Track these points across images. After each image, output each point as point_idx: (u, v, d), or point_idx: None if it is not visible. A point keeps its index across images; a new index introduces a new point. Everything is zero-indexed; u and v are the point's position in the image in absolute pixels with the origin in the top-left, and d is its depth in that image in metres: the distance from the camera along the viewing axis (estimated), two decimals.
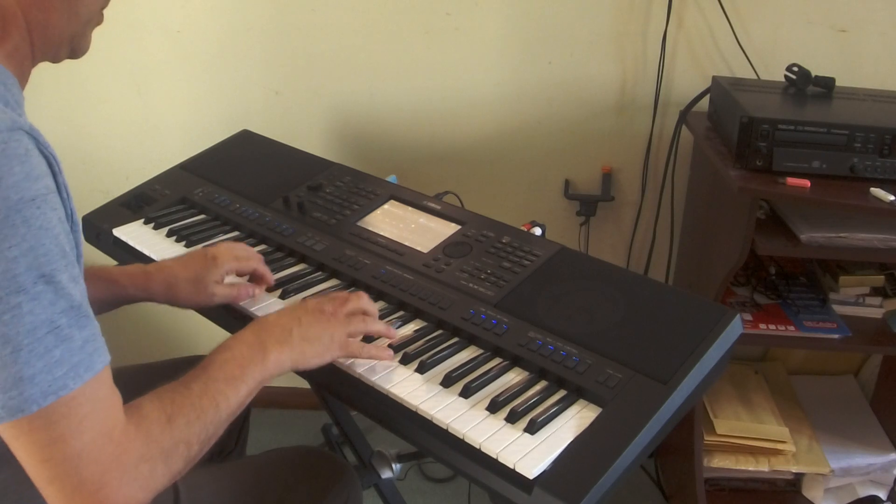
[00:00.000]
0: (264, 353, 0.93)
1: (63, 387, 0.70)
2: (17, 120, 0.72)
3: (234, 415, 0.88)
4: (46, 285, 0.70)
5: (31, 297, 0.69)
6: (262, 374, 0.92)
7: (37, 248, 0.69)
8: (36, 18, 0.82)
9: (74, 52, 0.89)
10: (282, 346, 0.95)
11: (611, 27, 1.82)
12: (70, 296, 0.72)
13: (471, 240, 1.25)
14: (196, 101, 1.97)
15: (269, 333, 0.95)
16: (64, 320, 0.71)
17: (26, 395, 0.69)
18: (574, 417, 0.93)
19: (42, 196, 0.71)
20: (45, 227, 0.70)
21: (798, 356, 2.06)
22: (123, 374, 1.22)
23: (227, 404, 0.86)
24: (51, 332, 0.70)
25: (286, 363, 0.95)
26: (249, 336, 0.95)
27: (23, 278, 0.68)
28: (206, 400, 0.84)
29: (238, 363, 0.90)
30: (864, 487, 1.83)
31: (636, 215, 1.98)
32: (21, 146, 0.71)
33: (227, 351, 0.92)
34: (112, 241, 1.39)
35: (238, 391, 0.88)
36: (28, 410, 0.69)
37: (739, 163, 1.45)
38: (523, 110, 1.92)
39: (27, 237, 0.69)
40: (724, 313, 1.03)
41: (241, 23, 1.89)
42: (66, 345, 0.71)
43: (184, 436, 0.80)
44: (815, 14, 1.77)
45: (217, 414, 0.85)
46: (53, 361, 0.70)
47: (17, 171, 0.69)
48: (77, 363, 0.71)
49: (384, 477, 1.53)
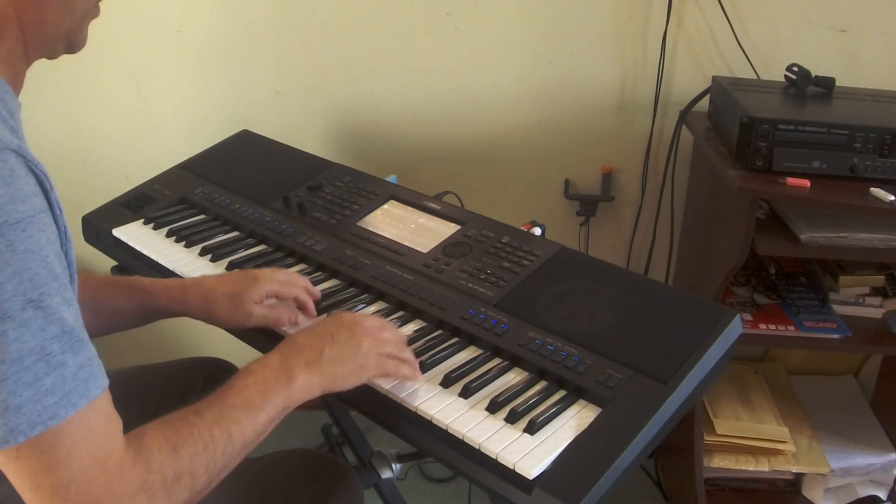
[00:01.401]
0: (290, 378, 0.87)
1: (53, 416, 0.68)
2: (4, 138, 0.70)
3: (250, 445, 0.83)
4: (35, 311, 0.67)
5: (17, 323, 0.66)
6: (287, 401, 0.86)
7: (22, 273, 0.67)
8: (30, 17, 0.79)
9: (71, 47, 0.86)
10: (311, 369, 0.89)
11: (611, 27, 1.82)
12: (62, 320, 0.69)
13: (471, 240, 1.25)
14: (196, 101, 1.97)
15: (298, 356, 0.90)
16: (56, 346, 0.68)
17: (11, 426, 0.66)
18: (574, 417, 0.93)
19: (28, 218, 0.68)
20: (32, 251, 0.68)
21: (798, 356, 2.05)
22: (126, 375, 1.23)
23: (241, 434, 0.81)
24: (41, 360, 0.67)
25: (315, 388, 0.89)
26: (275, 359, 0.89)
27: (8, 305, 0.66)
28: (217, 430, 0.79)
29: (259, 389, 0.85)
30: (864, 487, 1.83)
31: (636, 215, 1.98)
32: (6, 167, 0.68)
33: (250, 375, 0.86)
34: (112, 242, 1.39)
35: (255, 419, 0.83)
36: (14, 441, 0.67)
37: (739, 163, 1.45)
38: (523, 110, 1.92)
39: (12, 262, 0.66)
40: (724, 313, 1.03)
41: (242, 23, 1.89)
42: (59, 371, 0.68)
43: (188, 467, 0.76)
44: (815, 14, 1.76)
45: (229, 444, 0.80)
46: (43, 390, 0.67)
47: (1, 193, 0.67)
48: (70, 391, 0.69)
49: (384, 477, 1.53)
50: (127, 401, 0.80)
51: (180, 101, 1.97)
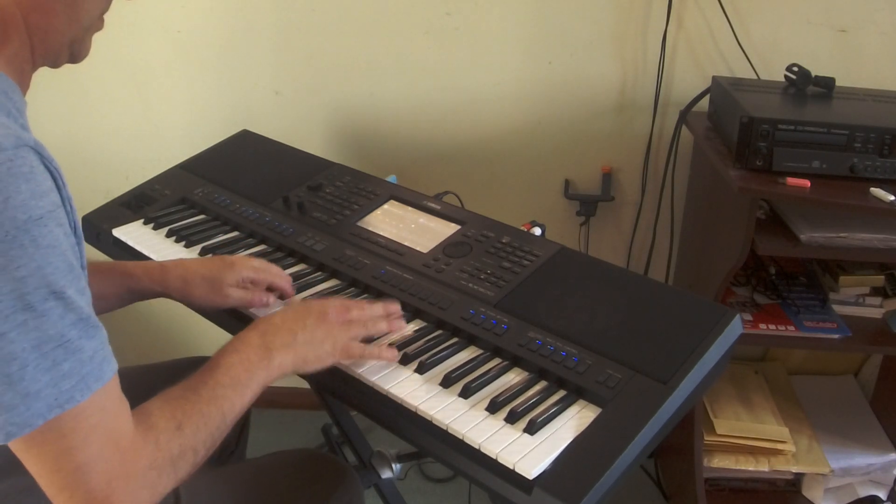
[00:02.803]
0: (269, 357, 0.93)
1: (70, 399, 0.70)
2: (22, 136, 0.72)
3: (237, 419, 0.88)
4: (56, 301, 0.70)
5: (38, 314, 0.69)
6: (267, 378, 0.92)
7: (45, 267, 0.69)
8: (37, 23, 0.81)
9: (74, 57, 0.89)
10: (286, 349, 0.95)
11: (611, 27, 1.82)
12: (79, 308, 0.72)
13: (471, 240, 1.25)
14: (196, 101, 1.97)
15: (275, 336, 0.95)
16: (74, 332, 0.71)
17: (33, 410, 0.69)
18: (574, 417, 0.93)
19: (48, 213, 0.71)
20: (53, 245, 0.70)
21: (798, 356, 2.06)
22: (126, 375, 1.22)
23: (231, 410, 0.87)
24: (60, 346, 0.70)
25: (288, 367, 0.95)
26: (255, 338, 0.95)
27: (31, 297, 0.69)
28: (213, 407, 0.85)
29: (244, 367, 0.90)
30: (864, 487, 1.83)
31: (636, 215, 1.98)
32: (26, 164, 0.71)
33: (234, 354, 0.92)
34: (112, 242, 1.39)
35: (243, 396, 0.89)
36: (34, 425, 0.69)
37: (739, 163, 1.45)
38: (523, 110, 1.92)
39: (35, 256, 0.69)
40: (724, 313, 1.03)
41: (242, 23, 1.89)
42: (76, 356, 0.71)
43: (192, 443, 0.81)
44: (815, 14, 1.77)
45: (223, 420, 0.86)
46: (61, 375, 0.70)
47: (23, 189, 0.69)
48: (87, 374, 0.72)
49: (384, 477, 1.53)
50: (127, 401, 0.80)
51: (180, 101, 1.98)
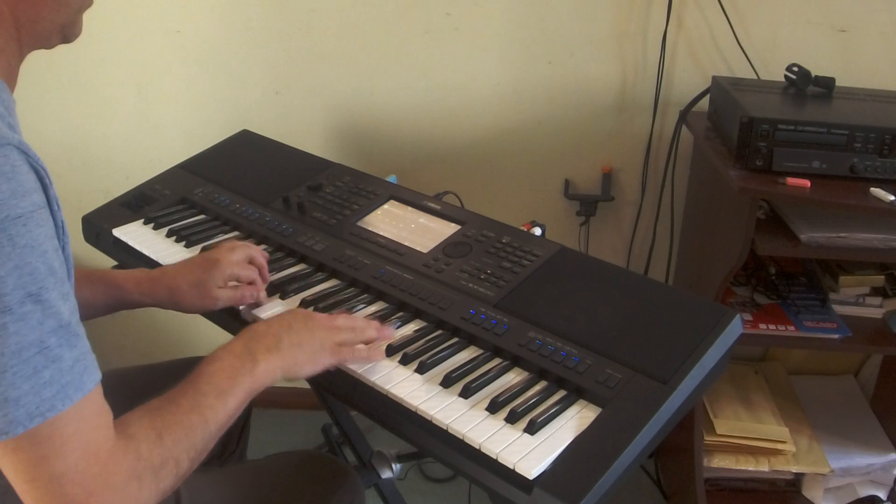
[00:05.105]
0: (253, 362, 0.92)
1: (51, 408, 0.69)
2: (6, 134, 0.70)
3: (224, 427, 0.87)
4: (34, 305, 0.68)
5: (17, 317, 0.67)
6: (252, 384, 0.91)
7: (23, 267, 0.68)
8: (25, 14, 0.79)
9: (66, 38, 0.86)
10: (271, 353, 0.94)
11: (611, 27, 1.82)
12: (59, 314, 0.70)
13: (471, 240, 1.25)
14: (196, 101, 1.97)
15: (259, 342, 0.94)
16: (53, 340, 0.70)
17: (10, 418, 0.67)
18: (574, 417, 0.93)
19: (29, 213, 0.69)
20: (32, 245, 0.69)
21: (798, 356, 2.06)
22: (127, 375, 1.23)
23: (215, 418, 0.85)
24: (39, 353, 0.68)
25: (276, 372, 0.94)
26: (238, 346, 0.93)
27: (9, 298, 0.67)
28: (194, 416, 0.83)
29: (227, 374, 0.89)
30: (864, 487, 1.83)
31: (636, 215, 1.98)
32: (8, 162, 0.69)
33: (216, 362, 0.90)
34: (112, 241, 1.39)
35: (227, 404, 0.87)
36: (13, 433, 0.68)
37: (739, 163, 1.45)
38: (523, 110, 1.92)
39: (13, 256, 0.67)
40: (724, 313, 1.03)
41: (241, 23, 1.89)
42: (56, 365, 0.69)
43: (173, 453, 0.79)
44: (815, 14, 1.77)
45: (206, 429, 0.84)
46: (42, 383, 0.68)
47: (3, 188, 0.68)
48: (67, 384, 0.70)
49: (384, 477, 1.53)
50: (127, 401, 0.80)
51: (180, 101, 1.97)
